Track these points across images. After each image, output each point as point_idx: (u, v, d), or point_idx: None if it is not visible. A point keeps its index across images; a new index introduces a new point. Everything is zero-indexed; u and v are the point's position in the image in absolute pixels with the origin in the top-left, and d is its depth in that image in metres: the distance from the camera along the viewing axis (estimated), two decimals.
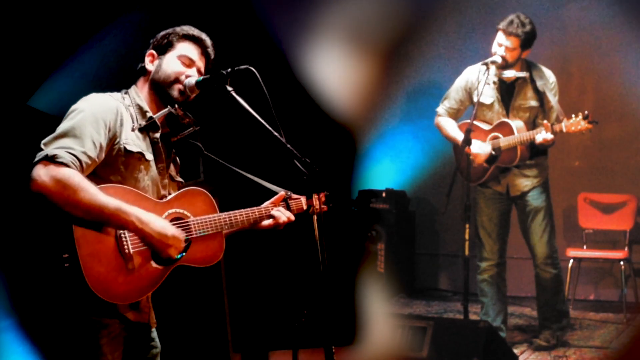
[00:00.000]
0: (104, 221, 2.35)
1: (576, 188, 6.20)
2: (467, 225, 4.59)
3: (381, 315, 5.02)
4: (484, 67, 4.61)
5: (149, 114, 2.57)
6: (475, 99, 4.73)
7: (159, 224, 2.44)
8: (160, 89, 2.60)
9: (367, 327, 4.76)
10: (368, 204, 6.53)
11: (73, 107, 2.46)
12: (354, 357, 4.61)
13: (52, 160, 2.28)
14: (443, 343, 4.20)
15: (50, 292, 2.40)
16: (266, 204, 2.85)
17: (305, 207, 2.90)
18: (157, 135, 2.59)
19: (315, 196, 2.64)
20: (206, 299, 5.21)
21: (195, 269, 2.79)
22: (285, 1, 5.28)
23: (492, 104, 4.76)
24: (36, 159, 2.31)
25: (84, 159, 2.34)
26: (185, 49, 2.63)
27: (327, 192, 2.87)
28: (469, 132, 4.58)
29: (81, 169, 2.33)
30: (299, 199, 2.91)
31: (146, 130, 2.56)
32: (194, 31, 2.66)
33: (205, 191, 2.68)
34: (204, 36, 2.67)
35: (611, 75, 6.12)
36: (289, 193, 2.89)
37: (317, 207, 2.61)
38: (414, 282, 6.78)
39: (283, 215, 2.82)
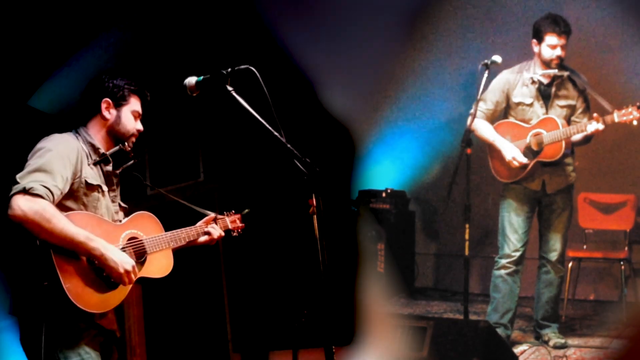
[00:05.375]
0: (73, 248, 2.71)
1: (576, 188, 6.19)
2: (467, 225, 4.59)
3: (381, 315, 5.02)
4: (484, 67, 4.63)
5: (102, 151, 2.97)
6: (512, 99, 4.83)
7: (118, 256, 2.81)
8: (119, 137, 3.02)
9: (367, 327, 4.76)
10: (368, 204, 6.53)
11: (39, 145, 2.81)
12: (354, 357, 4.61)
13: (28, 192, 2.64)
14: (443, 343, 4.20)
15: (36, 304, 2.70)
16: (199, 223, 3.31)
17: (229, 226, 3.42)
18: (110, 168, 3.01)
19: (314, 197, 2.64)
20: (206, 299, 5.21)
21: (195, 269, 2.85)
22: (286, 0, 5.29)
23: (531, 103, 4.82)
24: (13, 191, 2.64)
25: (55, 191, 2.71)
26: (135, 104, 3.06)
27: (242, 213, 3.51)
28: (468, 132, 4.59)
29: (53, 200, 2.70)
30: (223, 218, 3.41)
31: (99, 164, 2.97)
32: (139, 85, 3.07)
33: (151, 214, 3.12)
34: (145, 90, 3.10)
35: (611, 75, 6.11)
36: (216, 215, 3.38)
37: (314, 207, 2.63)
38: (414, 282, 6.78)
39: (216, 231, 3.30)
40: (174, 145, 5.37)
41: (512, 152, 4.78)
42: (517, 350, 4.88)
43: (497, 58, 4.65)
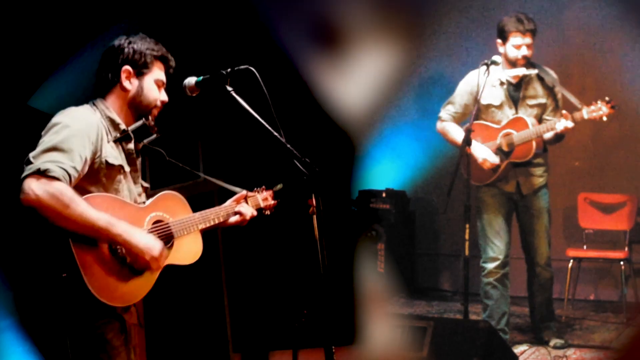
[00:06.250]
0: (94, 235, 2.43)
1: (576, 188, 6.19)
2: (467, 225, 4.58)
3: (381, 315, 5.02)
4: (484, 67, 4.61)
5: (122, 127, 2.68)
6: (481, 102, 4.73)
7: (144, 240, 2.55)
8: (141, 110, 2.73)
9: (367, 327, 4.75)
10: (368, 204, 6.54)
11: (55, 120, 2.53)
12: (354, 357, 4.61)
13: (43, 174, 2.35)
14: (443, 343, 4.20)
15: (52, 301, 2.48)
16: (229, 202, 3.05)
17: (261, 204, 3.14)
18: (131, 146, 2.72)
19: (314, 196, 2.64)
20: (206, 299, 5.21)
21: (194, 269, 2.83)
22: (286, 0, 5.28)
23: (500, 104, 4.78)
24: (26, 173, 2.36)
25: (72, 173, 2.42)
26: (159, 72, 2.76)
27: (275, 189, 3.24)
28: (469, 132, 4.58)
29: (70, 183, 2.41)
30: (254, 196, 3.14)
31: (120, 141, 2.67)
32: (163, 50, 2.79)
33: (178, 194, 2.85)
34: (169, 55, 2.81)
35: (611, 75, 6.11)
36: (247, 192, 3.11)
37: (314, 207, 2.62)
38: (414, 282, 6.78)
39: (248, 210, 3.04)
40: (173, 146, 5.37)
41: (484, 153, 4.74)
42: (517, 350, 4.88)
43: (498, 58, 4.64)
